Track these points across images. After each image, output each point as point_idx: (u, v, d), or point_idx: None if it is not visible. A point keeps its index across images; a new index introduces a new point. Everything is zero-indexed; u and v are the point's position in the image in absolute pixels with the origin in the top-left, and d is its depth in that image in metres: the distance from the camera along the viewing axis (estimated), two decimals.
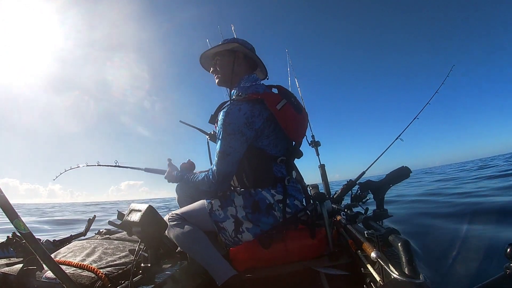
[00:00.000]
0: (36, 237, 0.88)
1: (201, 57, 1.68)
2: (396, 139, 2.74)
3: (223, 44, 1.60)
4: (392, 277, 0.88)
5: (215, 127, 1.56)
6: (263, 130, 1.45)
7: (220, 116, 1.43)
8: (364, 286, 1.28)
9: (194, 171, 1.82)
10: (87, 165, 2.32)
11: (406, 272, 0.85)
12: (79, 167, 2.35)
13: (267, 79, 1.73)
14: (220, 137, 1.43)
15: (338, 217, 2.00)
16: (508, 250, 0.72)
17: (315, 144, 3.04)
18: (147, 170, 2.05)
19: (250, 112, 1.41)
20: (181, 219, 1.51)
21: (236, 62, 1.59)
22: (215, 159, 1.47)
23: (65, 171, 2.39)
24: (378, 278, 1.13)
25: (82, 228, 2.43)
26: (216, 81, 1.65)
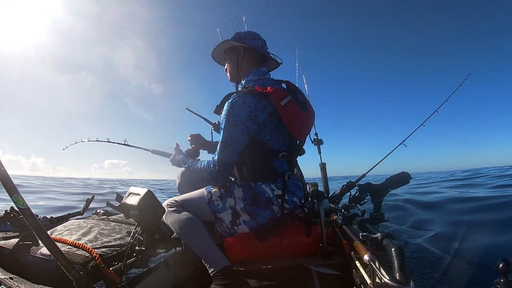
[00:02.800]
0: (34, 213, 0.89)
1: (213, 58, 1.76)
2: (400, 144, 2.72)
3: (220, 44, 1.66)
4: (383, 281, 0.88)
5: (220, 117, 1.56)
6: (266, 124, 1.45)
7: (225, 106, 1.44)
8: (354, 287, 1.29)
9: (198, 158, 1.82)
10: (98, 140, 2.36)
11: (397, 278, 0.85)
12: (90, 140, 2.39)
13: (281, 63, 1.72)
14: (223, 127, 1.44)
15: (335, 217, 2.01)
16: (501, 265, 0.72)
17: (318, 142, 3.03)
18: (153, 151, 2.09)
19: (255, 106, 1.41)
20: (180, 206, 1.52)
21: (240, 57, 1.62)
22: (217, 148, 1.48)
23: (76, 142, 2.45)
24: (368, 281, 1.13)
25: (80, 208, 2.45)
26: (228, 77, 1.71)
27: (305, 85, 3.19)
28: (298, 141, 1.62)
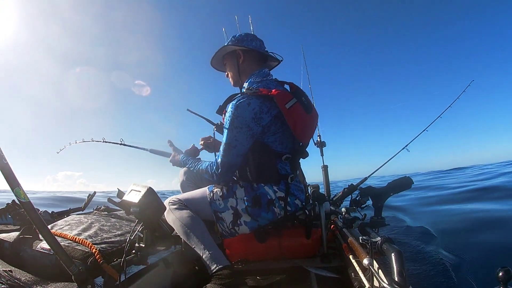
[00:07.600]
0: (35, 207, 0.89)
1: (213, 66, 1.75)
2: (403, 149, 2.72)
3: (218, 51, 1.64)
4: (381, 285, 0.88)
5: (223, 118, 1.55)
6: (270, 126, 1.44)
7: (229, 108, 1.43)
8: None
9: (198, 157, 1.82)
10: (93, 140, 2.34)
11: (396, 282, 0.85)
12: (85, 141, 2.37)
13: (282, 60, 1.71)
14: (227, 129, 1.43)
15: (335, 220, 2.00)
16: (500, 273, 0.71)
17: (320, 144, 3.03)
18: (152, 151, 2.07)
19: (259, 108, 1.40)
20: (181, 204, 1.52)
21: (240, 61, 1.61)
22: (220, 150, 1.47)
23: (70, 144, 2.41)
24: (367, 285, 1.13)
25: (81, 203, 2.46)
26: (231, 83, 1.70)
27: (310, 86, 3.19)
28: (301, 144, 1.61)
